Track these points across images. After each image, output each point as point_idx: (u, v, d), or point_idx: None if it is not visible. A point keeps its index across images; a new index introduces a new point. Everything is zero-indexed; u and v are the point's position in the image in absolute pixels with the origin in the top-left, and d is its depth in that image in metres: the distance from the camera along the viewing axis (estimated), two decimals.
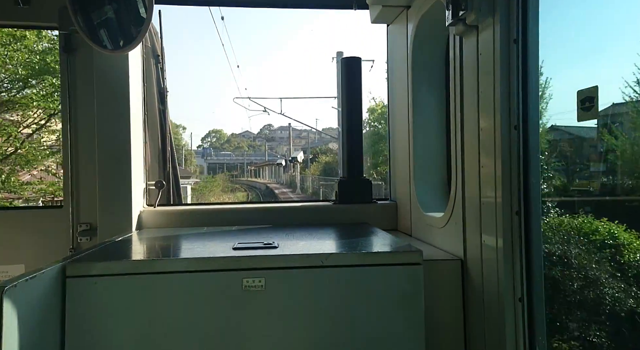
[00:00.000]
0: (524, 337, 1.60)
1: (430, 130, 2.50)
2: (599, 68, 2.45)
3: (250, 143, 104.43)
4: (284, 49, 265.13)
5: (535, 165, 1.59)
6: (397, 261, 1.68)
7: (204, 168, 75.80)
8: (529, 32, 1.58)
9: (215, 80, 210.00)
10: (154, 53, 3.00)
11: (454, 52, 1.97)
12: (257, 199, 33.85)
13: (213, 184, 41.99)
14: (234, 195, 40.02)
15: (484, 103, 1.72)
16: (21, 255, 2.58)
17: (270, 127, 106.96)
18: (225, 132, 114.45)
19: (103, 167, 2.45)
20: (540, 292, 1.61)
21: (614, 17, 2.34)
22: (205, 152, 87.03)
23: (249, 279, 1.60)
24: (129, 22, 2.27)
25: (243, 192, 44.94)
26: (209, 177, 52.82)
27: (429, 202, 2.44)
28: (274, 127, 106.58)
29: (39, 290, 1.42)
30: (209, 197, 32.24)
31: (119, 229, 2.43)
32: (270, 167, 66.53)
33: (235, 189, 47.48)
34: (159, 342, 1.57)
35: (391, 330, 1.64)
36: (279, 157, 65.13)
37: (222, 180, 49.80)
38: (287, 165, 53.62)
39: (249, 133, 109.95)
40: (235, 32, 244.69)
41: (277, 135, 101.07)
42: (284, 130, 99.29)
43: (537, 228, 1.60)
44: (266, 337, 1.61)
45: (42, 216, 2.68)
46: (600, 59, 2.50)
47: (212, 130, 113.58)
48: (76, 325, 1.55)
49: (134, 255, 1.84)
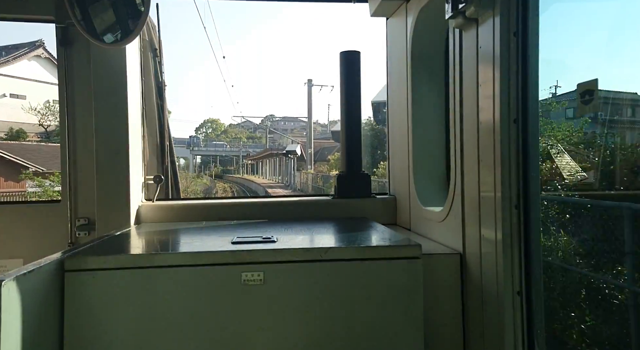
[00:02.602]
0: (523, 330, 1.61)
1: (430, 124, 2.50)
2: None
3: (250, 134, 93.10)
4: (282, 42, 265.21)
5: (535, 159, 1.59)
6: (396, 255, 1.68)
7: (189, 162, 60.86)
8: (529, 25, 1.57)
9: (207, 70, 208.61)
10: (152, 46, 2.98)
11: (453, 45, 1.96)
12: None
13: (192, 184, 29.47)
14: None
15: (484, 96, 1.71)
16: (19, 249, 2.57)
17: (273, 118, 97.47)
18: (223, 121, 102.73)
19: (101, 161, 2.44)
20: (539, 285, 1.62)
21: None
22: (192, 142, 68.06)
23: (247, 273, 1.60)
24: (126, 15, 2.25)
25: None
26: (194, 177, 38.84)
27: (428, 197, 2.44)
28: (277, 118, 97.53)
29: (37, 284, 1.41)
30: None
31: (117, 223, 2.43)
32: (273, 159, 48.11)
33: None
34: (158, 336, 1.58)
35: (390, 324, 1.64)
36: (290, 144, 43.11)
37: (208, 181, 38.91)
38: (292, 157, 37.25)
39: (249, 123, 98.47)
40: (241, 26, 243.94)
41: (279, 127, 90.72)
42: (288, 121, 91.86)
43: (536, 222, 1.60)
44: (265, 331, 1.61)
45: (40, 210, 2.67)
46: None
47: (207, 119, 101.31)
48: (75, 319, 1.55)
49: (132, 250, 1.84)
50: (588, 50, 2.56)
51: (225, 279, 1.60)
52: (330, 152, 37.88)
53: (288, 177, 39.12)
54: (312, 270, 1.64)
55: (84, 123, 2.57)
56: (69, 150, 2.58)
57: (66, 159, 2.58)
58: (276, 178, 45.31)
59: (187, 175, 34.78)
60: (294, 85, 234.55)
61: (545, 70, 1.57)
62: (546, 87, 2.51)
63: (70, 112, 2.58)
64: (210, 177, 51.31)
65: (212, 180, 46.07)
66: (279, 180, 42.60)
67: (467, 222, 1.88)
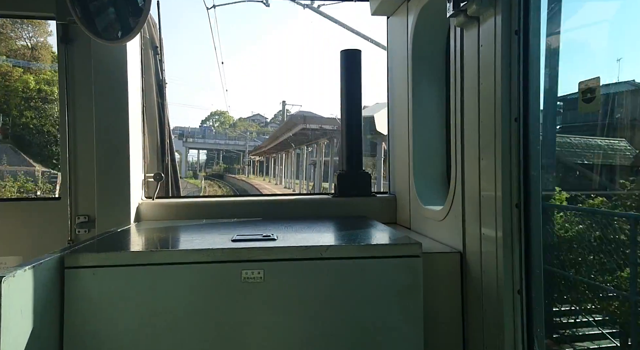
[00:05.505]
0: (523, 329, 1.61)
1: (430, 123, 2.49)
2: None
3: (260, 129, 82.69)
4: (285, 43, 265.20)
5: (536, 158, 1.59)
6: (396, 253, 1.68)
7: (181, 158, 48.17)
8: (530, 23, 1.57)
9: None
10: (152, 44, 2.98)
11: (454, 43, 1.95)
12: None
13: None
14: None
15: (485, 95, 1.71)
16: (19, 247, 2.57)
17: (287, 113, 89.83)
18: (231, 115, 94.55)
19: (101, 158, 2.44)
20: (539, 284, 1.61)
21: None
22: (185, 133, 55.76)
23: (247, 271, 1.60)
24: (127, 12, 2.25)
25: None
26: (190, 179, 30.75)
27: (428, 195, 2.43)
28: (291, 113, 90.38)
29: (37, 280, 1.41)
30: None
31: (117, 221, 2.43)
32: (289, 154, 31.73)
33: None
34: (158, 333, 1.57)
35: (390, 322, 1.64)
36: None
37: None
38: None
39: (260, 117, 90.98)
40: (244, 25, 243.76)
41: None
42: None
43: (536, 221, 1.60)
44: (265, 328, 1.61)
45: (40, 208, 2.67)
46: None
47: (214, 111, 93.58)
48: (74, 316, 1.54)
49: (132, 247, 1.83)
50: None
51: (225, 277, 1.60)
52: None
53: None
54: (312, 268, 1.64)
55: (84, 120, 2.57)
56: (69, 147, 2.58)
57: (66, 156, 2.58)
58: (307, 183, 27.12)
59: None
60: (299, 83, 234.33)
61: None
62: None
63: (70, 110, 2.58)
64: (207, 178, 43.79)
65: (202, 182, 35.86)
66: (311, 187, 25.87)
67: (468, 220, 1.88)
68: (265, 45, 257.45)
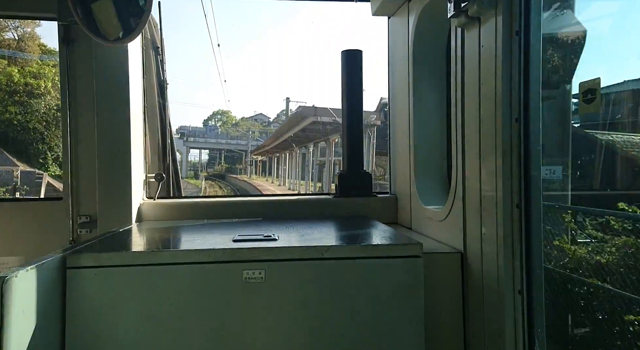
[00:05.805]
0: (523, 329, 1.61)
1: (431, 123, 2.49)
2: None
3: (263, 128, 79.63)
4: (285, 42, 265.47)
5: (536, 158, 1.59)
6: (397, 254, 1.68)
7: (182, 158, 47.19)
8: (531, 23, 1.57)
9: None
10: (154, 45, 2.99)
11: (455, 44, 1.95)
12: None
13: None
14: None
15: (485, 95, 1.71)
16: (20, 247, 2.57)
17: (291, 111, 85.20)
18: (234, 114, 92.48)
19: (103, 159, 2.45)
20: (540, 284, 1.62)
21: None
22: (186, 132, 56.12)
23: (249, 271, 1.60)
24: (128, 13, 2.25)
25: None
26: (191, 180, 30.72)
27: (429, 196, 2.44)
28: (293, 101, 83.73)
29: (39, 280, 1.42)
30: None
31: (118, 221, 2.43)
32: (293, 153, 31.01)
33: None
34: (159, 332, 1.58)
35: (391, 322, 1.64)
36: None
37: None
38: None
39: (263, 116, 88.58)
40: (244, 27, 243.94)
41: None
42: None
43: (537, 221, 1.60)
44: (266, 328, 1.62)
45: (42, 208, 2.68)
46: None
47: (217, 111, 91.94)
48: (76, 316, 1.55)
49: (134, 247, 1.84)
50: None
51: (226, 277, 1.61)
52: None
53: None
54: (313, 268, 1.64)
55: (86, 121, 2.57)
56: (70, 148, 2.59)
57: (68, 156, 2.58)
58: (314, 184, 26.06)
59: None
60: None
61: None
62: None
63: (72, 110, 2.59)
64: (208, 178, 43.85)
65: (203, 183, 36.62)
66: (319, 187, 24.86)
67: (468, 221, 1.88)
68: (266, 45, 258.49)
